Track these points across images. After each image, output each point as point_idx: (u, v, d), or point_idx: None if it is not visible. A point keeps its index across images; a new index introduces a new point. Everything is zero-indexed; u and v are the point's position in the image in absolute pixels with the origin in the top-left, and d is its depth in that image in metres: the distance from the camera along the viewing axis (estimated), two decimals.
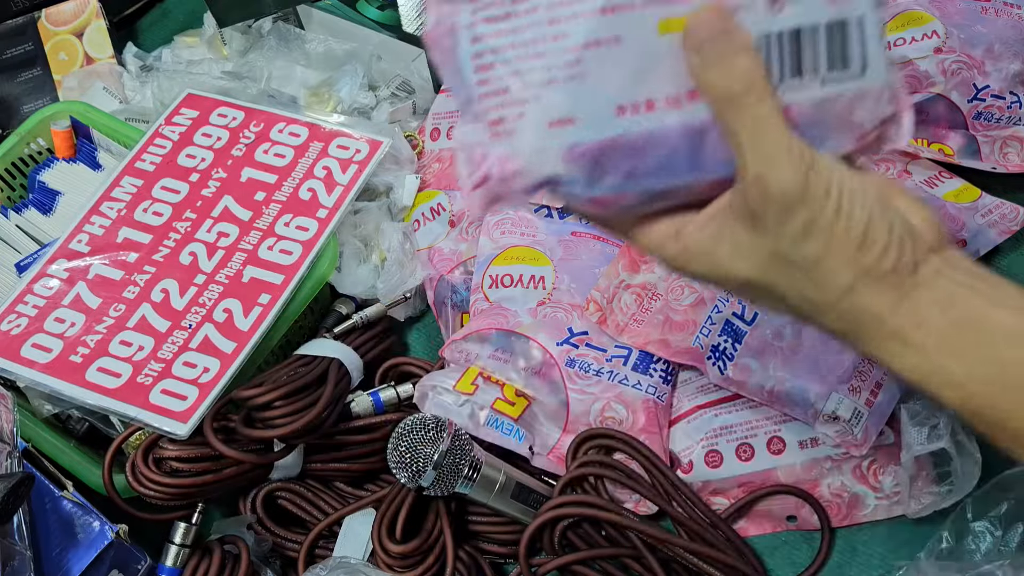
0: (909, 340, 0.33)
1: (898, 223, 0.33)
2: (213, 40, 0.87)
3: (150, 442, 0.59)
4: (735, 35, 0.32)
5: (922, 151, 0.71)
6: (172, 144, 0.73)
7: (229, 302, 0.64)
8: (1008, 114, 0.70)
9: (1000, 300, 0.33)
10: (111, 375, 0.61)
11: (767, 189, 0.32)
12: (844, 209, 0.32)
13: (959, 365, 0.33)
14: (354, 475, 0.64)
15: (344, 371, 0.63)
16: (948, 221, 0.68)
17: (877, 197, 0.33)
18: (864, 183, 0.33)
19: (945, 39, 0.70)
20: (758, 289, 0.35)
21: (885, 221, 0.33)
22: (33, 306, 0.65)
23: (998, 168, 0.70)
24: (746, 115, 0.32)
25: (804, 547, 0.61)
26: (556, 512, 0.58)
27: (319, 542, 0.61)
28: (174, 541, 0.59)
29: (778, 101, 0.32)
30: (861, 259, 0.32)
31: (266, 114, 0.74)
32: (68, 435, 0.65)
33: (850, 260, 0.32)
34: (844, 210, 0.32)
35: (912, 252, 0.33)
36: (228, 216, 0.68)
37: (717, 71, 0.32)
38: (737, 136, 0.32)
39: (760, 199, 0.32)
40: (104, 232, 0.68)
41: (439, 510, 0.59)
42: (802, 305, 0.34)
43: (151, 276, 0.66)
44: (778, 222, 0.32)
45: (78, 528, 0.56)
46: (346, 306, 0.70)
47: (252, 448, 0.59)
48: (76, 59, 0.87)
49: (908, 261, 0.33)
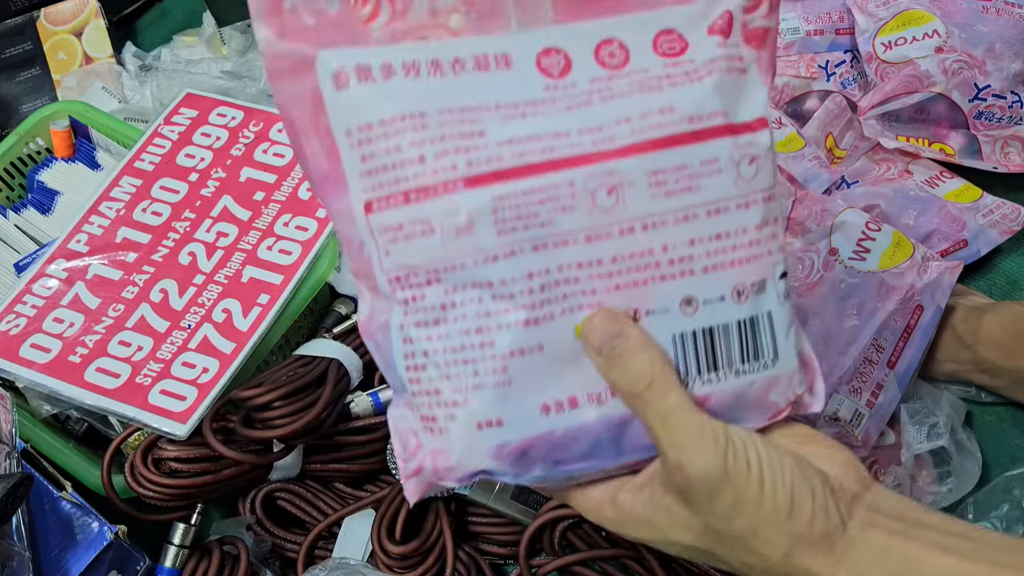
0: None
1: (819, 486, 0.33)
2: (212, 39, 0.87)
3: (149, 443, 0.59)
4: (630, 336, 0.33)
5: (923, 151, 0.71)
6: (171, 144, 0.73)
7: (228, 302, 0.64)
8: (1009, 114, 0.70)
9: (934, 541, 0.33)
10: (110, 375, 0.61)
11: (687, 475, 0.33)
12: (767, 482, 0.33)
13: None
14: (354, 476, 0.64)
15: (344, 371, 0.63)
16: (949, 221, 0.68)
17: (795, 463, 0.33)
18: (779, 451, 0.34)
19: (946, 38, 0.70)
20: (701, 553, 0.35)
21: (807, 487, 0.33)
22: (32, 306, 0.64)
23: (999, 168, 0.69)
24: (654, 408, 0.33)
25: None
26: (556, 512, 0.58)
27: (318, 543, 0.61)
28: (173, 542, 0.59)
29: (685, 391, 0.34)
30: (792, 528, 0.33)
31: (265, 114, 0.74)
32: (67, 436, 0.65)
33: (782, 529, 0.33)
34: (767, 484, 0.33)
35: (837, 512, 0.33)
36: (227, 216, 0.68)
37: (618, 371, 0.33)
38: (651, 428, 0.33)
39: (684, 484, 0.33)
40: (103, 232, 0.68)
41: (439, 511, 0.59)
42: (744, 570, 0.35)
43: (150, 276, 0.65)
44: (706, 502, 0.33)
45: (77, 529, 0.55)
46: (346, 306, 0.70)
47: (251, 449, 0.59)
48: (75, 58, 0.87)
49: (836, 523, 0.33)
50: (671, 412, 0.33)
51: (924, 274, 0.62)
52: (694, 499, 0.33)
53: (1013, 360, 0.60)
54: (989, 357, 0.61)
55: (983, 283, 0.69)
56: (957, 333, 0.62)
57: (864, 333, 0.60)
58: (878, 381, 0.60)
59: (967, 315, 0.63)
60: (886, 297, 0.61)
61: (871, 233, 0.63)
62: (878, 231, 0.63)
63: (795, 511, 0.33)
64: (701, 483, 0.32)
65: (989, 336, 0.61)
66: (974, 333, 0.62)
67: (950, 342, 0.63)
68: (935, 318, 0.61)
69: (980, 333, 0.62)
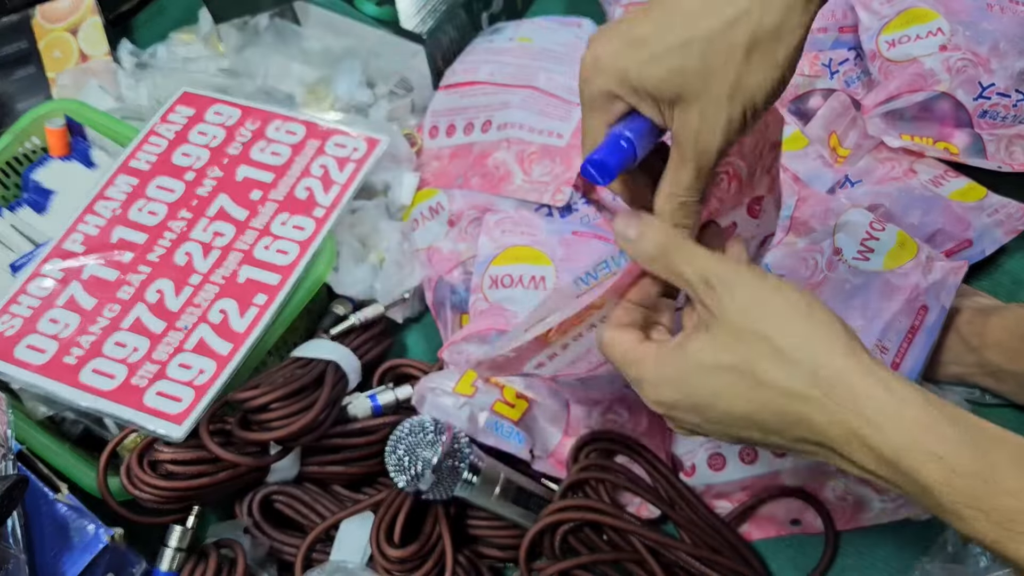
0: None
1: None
2: (209, 37, 0.86)
3: (145, 445, 0.58)
4: (642, 220, 0.40)
5: (927, 150, 0.70)
6: (167, 142, 0.72)
7: (225, 303, 0.63)
8: (1014, 112, 0.70)
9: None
10: (106, 377, 0.60)
11: (720, 297, 0.38)
12: (785, 287, 0.39)
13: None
14: (352, 478, 0.63)
15: (341, 373, 0.63)
16: (954, 220, 0.67)
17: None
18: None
19: (950, 36, 0.70)
20: (734, 383, 0.38)
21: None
22: (27, 307, 0.64)
23: (1004, 167, 0.69)
24: (675, 266, 0.39)
25: (808, 551, 0.61)
26: (557, 516, 0.57)
27: (316, 546, 0.61)
28: (169, 545, 0.58)
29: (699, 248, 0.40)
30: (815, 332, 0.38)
31: (262, 112, 0.73)
32: (63, 438, 0.65)
33: (810, 336, 0.37)
34: (786, 288, 0.39)
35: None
36: (224, 215, 0.68)
37: (634, 250, 0.40)
38: (680, 276, 0.39)
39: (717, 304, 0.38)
40: (99, 232, 0.68)
41: (438, 514, 0.59)
42: (774, 390, 0.38)
43: (146, 276, 0.65)
44: (740, 313, 0.38)
45: (73, 532, 0.55)
46: (343, 307, 0.70)
47: (248, 451, 0.59)
48: (71, 56, 0.86)
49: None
50: (693, 257, 0.38)
51: (929, 274, 0.61)
52: (728, 315, 0.37)
53: (1019, 364, 0.60)
54: (995, 361, 0.61)
55: (988, 283, 0.69)
56: (962, 335, 0.62)
57: (868, 334, 0.59)
58: None
59: (972, 317, 0.62)
60: (890, 297, 0.60)
61: (875, 233, 0.63)
62: (882, 231, 0.63)
63: (814, 315, 0.36)
64: (731, 298, 0.37)
65: (995, 339, 0.61)
66: (980, 336, 0.61)
67: (955, 345, 0.62)
68: (940, 319, 0.61)
69: (986, 336, 0.61)
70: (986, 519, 0.32)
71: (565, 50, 0.78)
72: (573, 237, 0.67)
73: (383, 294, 0.69)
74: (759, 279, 0.37)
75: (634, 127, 0.39)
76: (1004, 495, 0.32)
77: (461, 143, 0.76)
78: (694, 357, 0.37)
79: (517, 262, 0.66)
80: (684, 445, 0.62)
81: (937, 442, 0.33)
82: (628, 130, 0.39)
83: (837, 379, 0.35)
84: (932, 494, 0.33)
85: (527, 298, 0.65)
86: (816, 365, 0.35)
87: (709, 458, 0.60)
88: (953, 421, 0.33)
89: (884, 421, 0.33)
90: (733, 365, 0.36)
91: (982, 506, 0.32)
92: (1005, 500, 0.32)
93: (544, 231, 0.68)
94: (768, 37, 0.36)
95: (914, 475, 0.33)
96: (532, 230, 0.68)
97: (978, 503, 0.32)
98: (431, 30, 0.78)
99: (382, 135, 0.72)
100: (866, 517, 0.60)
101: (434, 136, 0.78)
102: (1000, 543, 0.32)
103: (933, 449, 0.33)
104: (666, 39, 0.37)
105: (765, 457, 0.60)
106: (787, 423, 0.36)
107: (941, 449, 0.33)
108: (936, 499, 0.33)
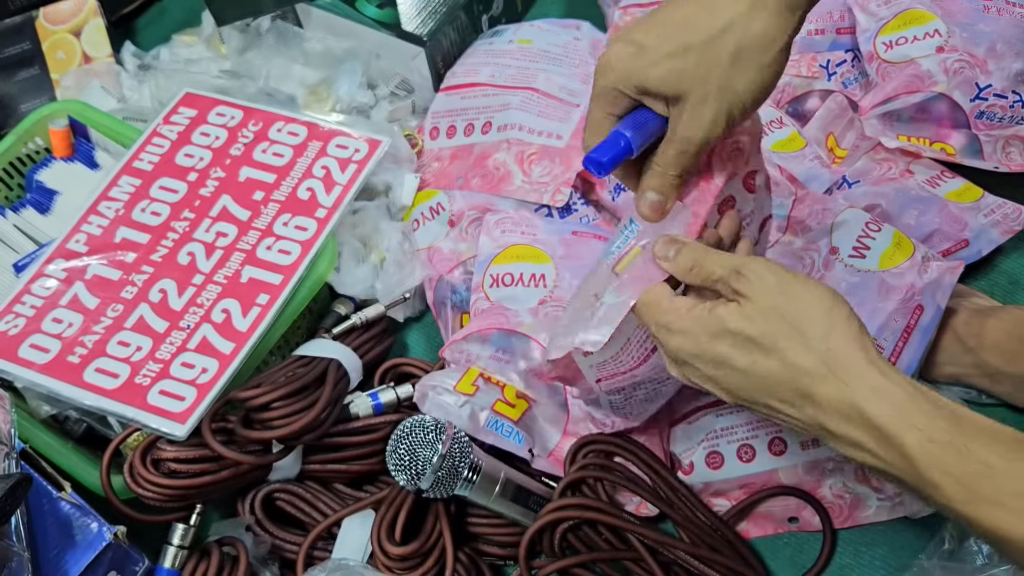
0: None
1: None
2: (211, 39, 0.86)
3: (148, 443, 0.58)
4: (676, 242, 0.46)
5: (924, 150, 0.70)
6: (170, 143, 0.73)
7: (227, 302, 0.64)
8: (1010, 113, 0.70)
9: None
10: (109, 376, 0.61)
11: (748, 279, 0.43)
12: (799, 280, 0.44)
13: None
14: (353, 476, 0.64)
15: (343, 372, 0.63)
16: (951, 221, 0.68)
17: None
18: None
19: (947, 38, 0.70)
20: (746, 348, 0.42)
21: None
22: (31, 306, 0.64)
23: (1000, 167, 0.69)
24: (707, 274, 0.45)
25: (806, 549, 0.61)
26: (556, 515, 0.57)
27: (318, 544, 0.61)
28: (172, 543, 0.59)
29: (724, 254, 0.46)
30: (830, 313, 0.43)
31: (264, 113, 0.73)
32: (66, 436, 0.65)
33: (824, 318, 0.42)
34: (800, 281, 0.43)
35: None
36: (226, 216, 0.68)
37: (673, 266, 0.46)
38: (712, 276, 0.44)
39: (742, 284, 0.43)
40: (102, 232, 0.68)
41: (439, 512, 0.59)
42: (781, 362, 0.42)
43: (149, 276, 0.65)
44: (765, 295, 0.43)
45: (76, 530, 0.55)
46: (345, 306, 0.70)
47: (250, 449, 0.59)
48: (74, 58, 0.87)
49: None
50: (722, 258, 0.44)
51: (925, 274, 0.61)
52: (758, 296, 0.41)
53: (1016, 366, 0.60)
54: (992, 362, 0.61)
55: (984, 283, 0.69)
56: (959, 336, 0.62)
57: None
58: None
59: (970, 318, 0.62)
60: (886, 297, 0.61)
61: (871, 233, 0.63)
62: (878, 231, 0.63)
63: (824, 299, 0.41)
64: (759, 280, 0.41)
65: (992, 341, 0.61)
66: (977, 337, 0.62)
67: (952, 345, 0.62)
68: (935, 318, 0.61)
69: (983, 338, 0.61)
70: (957, 484, 0.36)
71: (564, 52, 0.79)
72: (573, 237, 0.68)
73: (384, 294, 0.69)
74: (786, 271, 0.42)
75: (636, 121, 0.46)
76: (974, 463, 0.36)
77: (461, 144, 0.76)
78: (723, 320, 0.42)
79: (518, 260, 0.66)
80: (682, 444, 0.62)
81: (919, 415, 0.38)
82: (628, 128, 0.45)
83: (846, 363, 0.39)
84: (913, 462, 0.37)
85: (528, 296, 0.65)
86: (830, 351, 0.40)
87: (707, 456, 0.61)
88: (936, 403, 0.38)
89: (878, 398, 0.38)
90: (756, 336, 0.41)
91: (954, 471, 0.36)
92: (974, 467, 0.36)
93: (544, 231, 0.68)
94: (753, 45, 0.42)
95: (898, 443, 0.37)
96: (532, 230, 0.68)
97: (950, 468, 0.36)
98: (432, 32, 0.78)
99: (383, 136, 0.72)
100: (864, 515, 0.60)
101: (435, 137, 0.78)
102: (969, 506, 0.36)
103: (914, 421, 0.37)
104: (664, 46, 0.43)
105: (763, 456, 0.60)
106: (795, 394, 0.40)
107: (921, 422, 0.37)
108: (916, 468, 0.37)
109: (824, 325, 0.40)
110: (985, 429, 0.38)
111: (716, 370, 0.43)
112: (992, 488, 0.36)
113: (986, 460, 0.36)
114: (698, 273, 0.44)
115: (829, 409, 0.39)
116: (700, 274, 0.44)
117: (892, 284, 0.61)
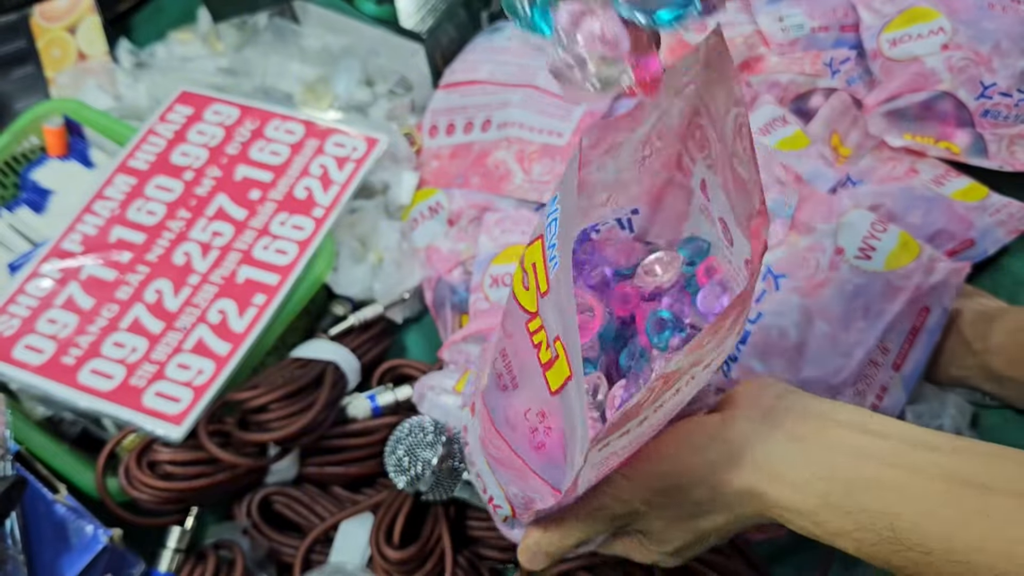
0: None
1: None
2: (208, 36, 0.86)
3: (144, 445, 0.58)
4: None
5: (929, 149, 0.70)
6: (166, 142, 0.72)
7: (224, 303, 0.63)
8: (1016, 112, 0.69)
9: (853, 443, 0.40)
10: (104, 377, 0.60)
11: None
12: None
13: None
14: (351, 479, 0.63)
15: (341, 373, 0.62)
16: (956, 220, 0.67)
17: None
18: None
19: (952, 35, 0.69)
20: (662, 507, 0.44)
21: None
22: (25, 307, 0.64)
23: (1006, 166, 0.69)
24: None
25: (809, 552, 0.60)
26: None
27: (315, 547, 0.61)
28: (168, 546, 0.58)
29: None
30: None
31: (261, 111, 0.73)
32: (61, 438, 0.64)
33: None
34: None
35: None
36: (222, 215, 0.68)
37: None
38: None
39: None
40: (97, 231, 0.67)
41: (438, 515, 0.58)
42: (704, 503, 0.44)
43: (144, 276, 0.65)
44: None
45: (71, 533, 0.55)
46: (343, 307, 0.69)
47: (247, 451, 0.59)
48: (69, 55, 0.86)
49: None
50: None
51: (931, 275, 0.61)
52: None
53: (1021, 370, 0.59)
54: (997, 366, 0.60)
55: (989, 283, 0.69)
56: (964, 338, 0.62)
57: (870, 335, 0.59)
58: (883, 383, 0.59)
59: (975, 320, 0.62)
60: (892, 298, 0.60)
61: (877, 233, 0.62)
62: (884, 232, 0.63)
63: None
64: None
65: (998, 344, 0.60)
66: (982, 339, 0.61)
67: (957, 347, 0.62)
68: (941, 320, 0.60)
69: (988, 340, 0.61)
70: (848, 519, 0.39)
71: None
72: None
73: (382, 294, 0.69)
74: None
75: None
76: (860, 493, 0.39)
77: (461, 142, 0.76)
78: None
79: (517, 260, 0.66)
80: None
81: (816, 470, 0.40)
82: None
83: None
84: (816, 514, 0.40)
85: None
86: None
87: None
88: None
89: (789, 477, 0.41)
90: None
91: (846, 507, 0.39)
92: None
93: None
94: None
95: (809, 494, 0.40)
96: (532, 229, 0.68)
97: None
98: (431, 29, 0.77)
99: (381, 134, 0.71)
100: None
101: (433, 135, 0.77)
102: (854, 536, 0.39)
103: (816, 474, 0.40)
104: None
105: None
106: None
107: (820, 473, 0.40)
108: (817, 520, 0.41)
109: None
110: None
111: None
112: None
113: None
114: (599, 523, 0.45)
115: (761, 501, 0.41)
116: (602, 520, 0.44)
117: (898, 285, 0.60)
